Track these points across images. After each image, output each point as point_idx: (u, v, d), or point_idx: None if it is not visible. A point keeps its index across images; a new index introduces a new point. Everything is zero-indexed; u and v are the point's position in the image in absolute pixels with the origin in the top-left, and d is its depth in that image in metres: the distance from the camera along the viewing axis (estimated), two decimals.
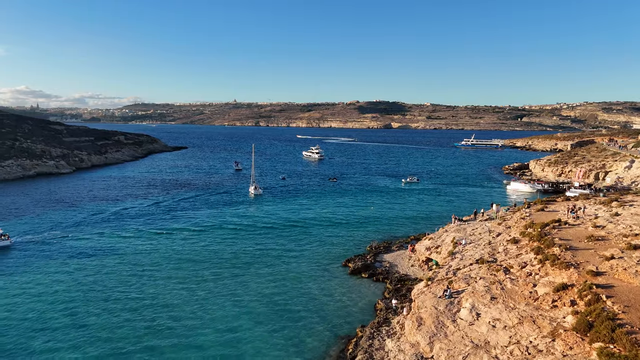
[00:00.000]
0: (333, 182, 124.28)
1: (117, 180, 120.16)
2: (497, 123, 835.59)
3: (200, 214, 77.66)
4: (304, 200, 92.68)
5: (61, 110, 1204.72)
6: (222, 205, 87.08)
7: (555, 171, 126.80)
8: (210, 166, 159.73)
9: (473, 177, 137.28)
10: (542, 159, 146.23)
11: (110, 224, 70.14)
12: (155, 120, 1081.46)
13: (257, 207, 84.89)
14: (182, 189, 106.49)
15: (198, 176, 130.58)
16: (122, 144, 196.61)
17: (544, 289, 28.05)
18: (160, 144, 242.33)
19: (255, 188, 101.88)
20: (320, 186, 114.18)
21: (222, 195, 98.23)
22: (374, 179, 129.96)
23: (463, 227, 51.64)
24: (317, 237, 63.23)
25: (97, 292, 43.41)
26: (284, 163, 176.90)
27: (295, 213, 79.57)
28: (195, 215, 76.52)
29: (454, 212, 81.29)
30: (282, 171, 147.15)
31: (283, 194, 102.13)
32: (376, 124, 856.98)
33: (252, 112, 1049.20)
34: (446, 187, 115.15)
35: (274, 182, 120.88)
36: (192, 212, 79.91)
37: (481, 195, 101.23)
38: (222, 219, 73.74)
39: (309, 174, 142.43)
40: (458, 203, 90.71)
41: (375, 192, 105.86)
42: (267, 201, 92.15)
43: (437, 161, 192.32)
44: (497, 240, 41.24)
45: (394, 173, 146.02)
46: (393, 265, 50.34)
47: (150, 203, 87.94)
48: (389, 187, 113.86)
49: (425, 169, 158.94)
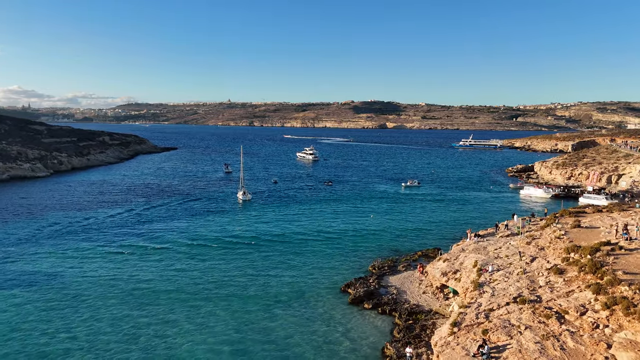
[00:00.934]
0: (328, 186, 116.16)
1: (95, 184, 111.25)
2: (492, 123, 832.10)
3: (177, 226, 69.07)
4: (296, 208, 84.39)
5: (53, 110, 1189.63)
6: (206, 214, 78.59)
7: (564, 174, 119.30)
8: (199, 169, 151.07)
9: (476, 180, 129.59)
10: (549, 161, 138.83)
11: (67, 239, 61.15)
12: (148, 120, 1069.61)
13: (245, 217, 76.48)
14: (164, 194, 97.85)
15: (184, 180, 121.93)
16: (107, 145, 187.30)
17: (624, 353, 20.01)
18: (149, 144, 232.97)
19: (244, 193, 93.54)
20: (315, 191, 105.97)
21: (207, 202, 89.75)
22: (371, 183, 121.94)
23: (483, 246, 43.63)
24: (311, 254, 54.97)
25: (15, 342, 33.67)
26: (276, 165, 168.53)
27: (287, 223, 71.26)
28: (172, 227, 67.92)
29: (463, 221, 73.44)
30: (274, 174, 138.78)
31: (274, 199, 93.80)
32: (371, 124, 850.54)
33: (246, 112, 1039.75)
34: (449, 191, 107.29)
35: (265, 186, 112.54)
36: (169, 223, 71.31)
37: (489, 201, 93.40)
38: (203, 232, 65.21)
39: (302, 176, 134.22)
40: (466, 211, 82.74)
41: (374, 197, 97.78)
42: (256, 209, 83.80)
43: (436, 162, 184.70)
44: (533, 268, 33.26)
45: (393, 176, 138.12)
46: (401, 291, 42.24)
47: (125, 211, 79.26)
48: (389, 192, 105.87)
49: (425, 171, 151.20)
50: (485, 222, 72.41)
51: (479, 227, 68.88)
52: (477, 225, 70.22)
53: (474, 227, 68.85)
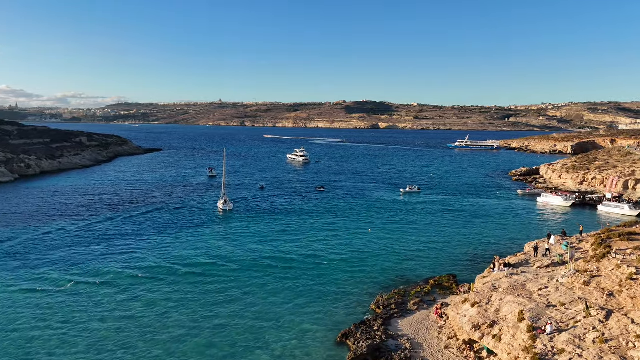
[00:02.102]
0: (320, 192, 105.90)
1: (60, 191, 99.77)
2: (485, 123, 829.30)
3: (140, 246, 58.18)
4: (283, 220, 73.89)
5: (41, 110, 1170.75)
6: (177, 228, 67.81)
7: (575, 178, 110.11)
8: (180, 173, 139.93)
9: (480, 185, 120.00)
10: (556, 164, 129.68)
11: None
12: (138, 120, 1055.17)
13: (222, 233, 65.79)
14: (134, 203, 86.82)
15: (162, 186, 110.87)
16: (84, 146, 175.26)
17: None
18: (131, 146, 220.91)
19: (225, 202, 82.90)
20: (305, 198, 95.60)
21: (182, 213, 78.94)
22: (367, 188, 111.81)
23: (520, 282, 33.60)
24: (298, 288, 44.52)
25: None
26: (265, 168, 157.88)
27: (270, 242, 60.76)
28: (133, 248, 57.04)
29: (477, 238, 63.48)
30: (262, 178, 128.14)
31: (259, 209, 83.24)
32: (363, 124, 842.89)
33: (237, 111, 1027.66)
34: (453, 199, 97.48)
35: (251, 193, 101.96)
36: (132, 241, 60.42)
37: (501, 211, 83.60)
38: (169, 255, 54.34)
39: (292, 181, 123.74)
40: (478, 224, 72.67)
41: (371, 206, 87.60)
42: (237, 221, 73.22)
43: (434, 165, 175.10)
44: (614, 332, 23.34)
45: (390, 180, 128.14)
46: (416, 344, 32.04)
47: (85, 225, 68.18)
48: (386, 200, 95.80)
49: (423, 175, 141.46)
50: (504, 240, 62.53)
51: (498, 246, 59.04)
52: (494, 244, 60.34)
53: (491, 245, 59.09)
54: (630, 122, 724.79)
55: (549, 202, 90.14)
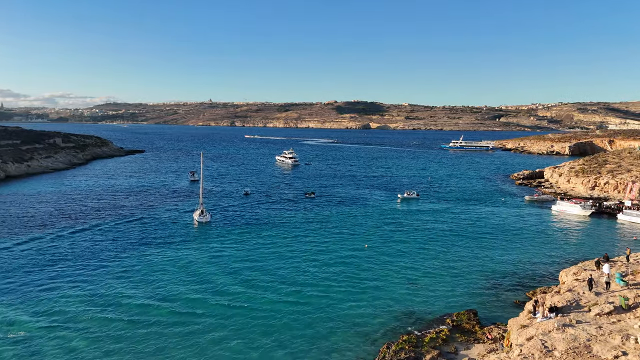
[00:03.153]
0: (310, 198, 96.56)
1: (19, 200, 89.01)
2: (476, 123, 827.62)
3: (92, 271, 48.09)
4: (267, 235, 64.29)
5: (27, 110, 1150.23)
6: (142, 246, 57.88)
7: (585, 183, 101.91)
8: (159, 177, 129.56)
9: (482, 190, 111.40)
10: (562, 167, 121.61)
11: None
12: (126, 120, 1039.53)
13: (193, 253, 55.96)
14: (100, 214, 76.61)
15: (135, 192, 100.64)
16: (58, 148, 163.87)
17: None
18: (111, 147, 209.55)
19: (202, 213, 73.09)
20: (293, 207, 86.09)
21: (152, 226, 68.96)
22: (361, 194, 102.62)
23: (583, 342, 24.50)
24: (282, 342, 35.04)
25: None
26: (251, 171, 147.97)
27: (251, 265, 51.18)
28: (83, 274, 46.93)
29: (493, 259, 54.39)
30: (247, 183, 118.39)
31: (240, 221, 73.53)
32: (355, 124, 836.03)
33: (227, 111, 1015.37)
34: (456, 206, 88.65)
35: (234, 200, 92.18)
36: (84, 264, 50.36)
37: (513, 223, 74.79)
38: (122, 287, 44.28)
39: (280, 186, 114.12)
40: (490, 240, 63.57)
41: (366, 216, 78.34)
42: (214, 236, 63.53)
43: (431, 167, 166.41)
44: None
45: (385, 184, 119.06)
46: None
47: (34, 243, 57.96)
48: (383, 208, 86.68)
49: (420, 178, 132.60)
50: (524, 261, 53.34)
51: (518, 269, 49.93)
52: (514, 266, 51.14)
53: (511, 268, 49.79)
54: (620, 122, 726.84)
55: (564, 210, 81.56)
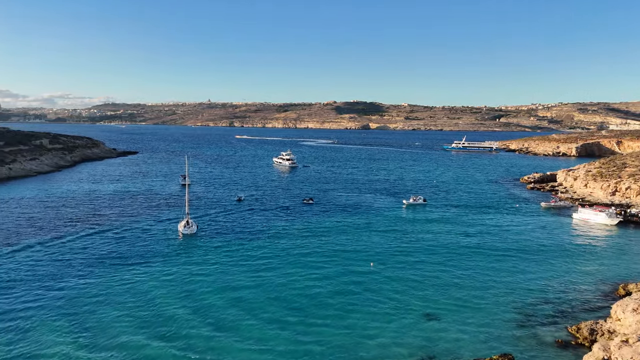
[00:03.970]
0: (308, 204, 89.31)
1: None
2: (476, 123, 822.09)
3: (55, 295, 40.78)
4: (258, 252, 56.90)
5: (25, 111, 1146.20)
6: (116, 264, 50.47)
7: (605, 188, 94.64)
8: (149, 180, 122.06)
9: (492, 195, 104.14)
10: (576, 169, 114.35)
11: None
12: (124, 121, 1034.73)
13: (173, 274, 48.49)
14: (74, 224, 69.16)
15: (120, 198, 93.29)
16: (45, 150, 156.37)
17: None
18: (103, 148, 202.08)
19: (187, 224, 65.75)
20: (290, 215, 78.77)
21: (130, 239, 61.56)
22: (363, 200, 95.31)
23: None
24: None
25: None
26: (246, 174, 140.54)
27: (233, 296, 43.76)
28: (44, 299, 39.61)
29: (517, 278, 47.09)
30: (241, 187, 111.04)
31: (229, 232, 66.18)
32: (354, 125, 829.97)
33: (226, 112, 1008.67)
34: (467, 213, 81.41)
35: (225, 207, 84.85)
36: (45, 286, 42.85)
37: (530, 231, 67.51)
38: (92, 316, 37.14)
39: (276, 190, 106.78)
40: (512, 256, 56.15)
41: (370, 226, 70.99)
42: (200, 252, 56.20)
43: (435, 169, 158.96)
44: None
45: (389, 188, 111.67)
46: None
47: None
48: (388, 215, 79.38)
49: (425, 181, 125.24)
50: (556, 283, 45.87)
51: (550, 295, 42.48)
52: (545, 291, 43.67)
53: (542, 295, 42.32)
54: (621, 123, 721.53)
55: (588, 219, 74.32)
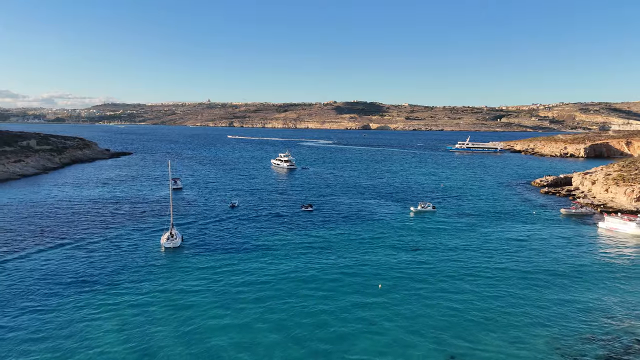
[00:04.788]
0: (307, 212, 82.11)
1: None
2: (477, 124, 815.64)
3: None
4: (249, 270, 49.64)
5: (23, 111, 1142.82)
6: (81, 286, 43.27)
7: (629, 193, 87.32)
8: (136, 185, 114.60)
9: (506, 200, 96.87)
10: (594, 172, 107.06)
11: None
12: (124, 121, 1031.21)
13: (152, 296, 41.41)
14: (44, 235, 61.89)
15: (102, 205, 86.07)
16: (32, 151, 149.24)
17: None
18: (95, 149, 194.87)
19: (171, 237, 58.51)
20: (287, 224, 71.49)
21: (103, 254, 54.31)
22: (366, 206, 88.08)
23: None
24: None
25: None
26: (243, 177, 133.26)
27: (218, 327, 36.61)
28: None
29: (552, 306, 39.86)
30: (237, 191, 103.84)
31: (219, 245, 58.94)
32: (354, 125, 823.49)
33: (226, 112, 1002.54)
34: (482, 222, 74.14)
35: (216, 215, 77.60)
36: None
37: (554, 244, 60.25)
38: None
39: (273, 195, 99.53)
40: (542, 277, 48.84)
41: (375, 238, 63.71)
42: (183, 270, 48.97)
43: (441, 172, 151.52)
44: None
45: (394, 193, 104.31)
46: None
47: None
48: (394, 225, 72.12)
49: (430, 184, 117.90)
50: (602, 316, 38.55)
51: (604, 337, 34.97)
52: (589, 326, 36.26)
53: (587, 329, 34.90)
54: (623, 123, 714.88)
55: (616, 229, 67.11)
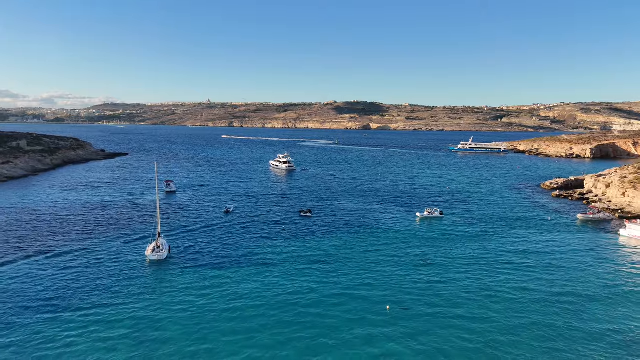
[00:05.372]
0: (305, 217, 77.05)
1: None
2: (478, 124, 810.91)
3: None
4: (243, 284, 44.52)
5: (23, 111, 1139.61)
6: (48, 309, 38.20)
7: None
8: (127, 188, 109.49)
9: (515, 204, 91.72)
10: (608, 175, 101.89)
11: None
12: (123, 121, 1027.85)
13: (124, 323, 36.28)
14: (16, 246, 56.80)
15: (87, 210, 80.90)
16: (22, 152, 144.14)
17: None
18: (89, 150, 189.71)
19: (157, 248, 53.33)
20: (284, 232, 66.42)
21: (79, 268, 49.15)
22: (369, 211, 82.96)
23: None
24: None
25: None
26: (239, 179, 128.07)
27: (208, 354, 31.52)
28: None
29: (607, 345, 34.79)
30: (232, 194, 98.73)
31: (209, 256, 53.76)
32: (354, 125, 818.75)
33: (226, 112, 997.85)
34: (495, 229, 69.01)
35: (209, 221, 72.46)
36: None
37: (577, 256, 55.08)
38: None
39: (270, 198, 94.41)
40: (570, 299, 43.77)
41: (380, 249, 58.56)
42: (168, 286, 43.85)
43: (447, 175, 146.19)
44: None
45: (399, 197, 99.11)
46: None
47: None
48: (400, 231, 67.00)
49: (437, 188, 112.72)
50: None
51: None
52: None
53: None
54: (624, 123, 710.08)
55: (639, 237, 62.02)
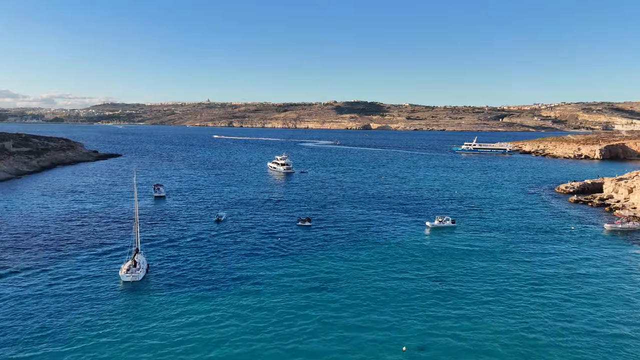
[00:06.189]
0: (305, 227, 69.98)
1: None
2: (479, 124, 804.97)
3: None
4: (229, 318, 37.34)
5: (22, 111, 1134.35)
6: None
7: None
8: (113, 194, 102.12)
9: (532, 211, 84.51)
10: (632, 179, 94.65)
11: None
12: (123, 121, 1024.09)
13: None
14: None
15: (63, 220, 73.64)
16: (6, 153, 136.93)
17: None
18: (80, 151, 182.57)
19: (133, 266, 46.16)
20: (280, 247, 59.07)
21: (37, 290, 42.08)
22: (373, 219, 75.77)
23: None
24: None
25: None
26: (235, 182, 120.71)
27: None
28: None
29: None
30: (225, 201, 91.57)
31: (193, 274, 46.55)
32: (355, 125, 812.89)
33: (225, 112, 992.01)
34: (514, 241, 61.85)
35: (197, 232, 65.33)
36: None
37: (614, 272, 47.98)
38: None
39: (267, 204, 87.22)
40: (625, 332, 36.78)
41: (390, 267, 51.36)
42: (138, 317, 36.71)
43: (454, 177, 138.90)
44: None
45: (405, 203, 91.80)
46: None
47: None
48: (409, 245, 59.83)
49: (442, 191, 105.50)
50: None
51: None
52: None
53: None
54: (626, 123, 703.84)
55: None
